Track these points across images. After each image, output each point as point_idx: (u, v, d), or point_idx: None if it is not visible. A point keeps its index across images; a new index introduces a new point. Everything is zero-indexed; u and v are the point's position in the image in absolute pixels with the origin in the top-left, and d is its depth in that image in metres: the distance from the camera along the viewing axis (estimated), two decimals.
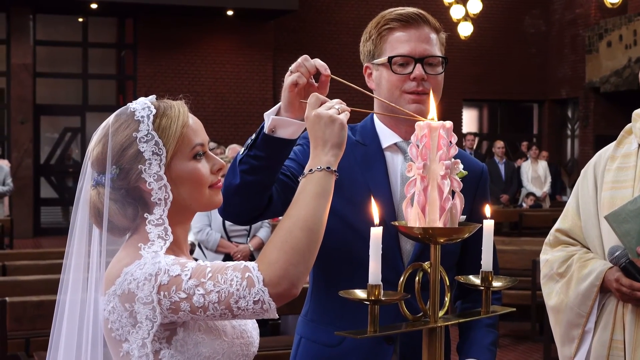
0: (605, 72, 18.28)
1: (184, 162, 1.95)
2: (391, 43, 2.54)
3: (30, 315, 5.32)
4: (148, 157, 1.92)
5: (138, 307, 1.83)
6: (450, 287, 2.03)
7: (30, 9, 17.38)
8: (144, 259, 1.86)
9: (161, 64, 18.14)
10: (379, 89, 2.57)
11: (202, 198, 1.98)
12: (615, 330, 2.91)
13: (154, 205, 1.93)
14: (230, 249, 6.81)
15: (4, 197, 12.71)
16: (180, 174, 1.95)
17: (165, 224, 1.93)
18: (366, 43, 2.61)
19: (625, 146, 3.04)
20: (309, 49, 18.94)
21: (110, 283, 1.88)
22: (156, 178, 1.92)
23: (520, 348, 8.55)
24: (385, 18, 2.57)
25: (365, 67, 2.62)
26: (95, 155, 1.99)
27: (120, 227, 1.96)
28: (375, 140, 2.60)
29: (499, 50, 20.42)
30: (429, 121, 1.95)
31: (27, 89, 17.38)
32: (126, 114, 1.98)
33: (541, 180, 15.48)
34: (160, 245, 1.91)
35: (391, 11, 2.58)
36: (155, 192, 1.93)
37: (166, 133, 1.94)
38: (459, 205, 1.93)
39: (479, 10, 15.33)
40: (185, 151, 1.96)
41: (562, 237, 3.13)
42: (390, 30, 2.54)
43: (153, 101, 2.01)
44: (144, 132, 1.93)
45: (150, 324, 1.83)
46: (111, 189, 1.94)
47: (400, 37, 2.53)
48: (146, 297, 1.82)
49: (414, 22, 2.55)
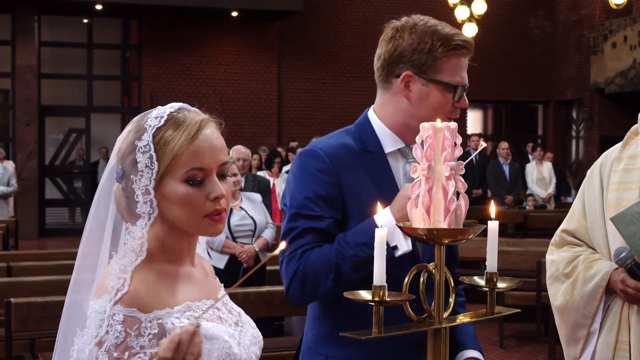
0: (610, 73, 18.25)
1: (174, 184, 1.88)
2: (452, 67, 2.58)
3: (36, 316, 5.33)
4: (141, 168, 1.88)
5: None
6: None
7: (35, 10, 17.41)
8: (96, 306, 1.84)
9: (166, 65, 18.15)
10: (419, 103, 2.57)
11: (192, 225, 1.91)
12: (620, 331, 2.91)
13: (137, 217, 1.90)
14: (235, 249, 6.81)
15: (8, 198, 12.73)
16: (169, 195, 1.88)
17: (144, 239, 1.88)
18: (419, 53, 2.56)
19: (632, 147, 3.04)
20: (313, 50, 18.97)
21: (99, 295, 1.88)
22: (144, 191, 1.88)
23: (525, 349, 8.54)
24: (450, 43, 2.57)
25: (407, 74, 2.57)
26: (116, 151, 1.97)
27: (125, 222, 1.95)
28: (379, 146, 2.59)
29: (504, 51, 20.40)
30: (434, 123, 1.95)
31: (32, 90, 17.40)
32: (144, 117, 1.94)
33: (546, 182, 15.45)
34: (131, 261, 1.87)
35: (449, 32, 2.59)
36: (141, 205, 1.88)
37: (163, 149, 1.87)
38: (463, 206, 1.93)
39: (484, 12, 15.33)
40: (178, 173, 1.87)
41: (568, 238, 3.13)
42: (452, 56, 2.58)
43: (173, 111, 1.94)
44: (144, 142, 1.89)
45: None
46: (120, 185, 1.93)
47: (459, 64, 2.61)
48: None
49: (466, 51, 2.62)
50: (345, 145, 2.57)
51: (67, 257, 7.44)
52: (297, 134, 18.27)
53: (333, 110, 19.08)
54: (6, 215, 12.42)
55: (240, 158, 8.24)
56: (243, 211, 6.95)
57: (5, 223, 11.07)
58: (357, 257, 2.39)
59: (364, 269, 2.34)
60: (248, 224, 6.93)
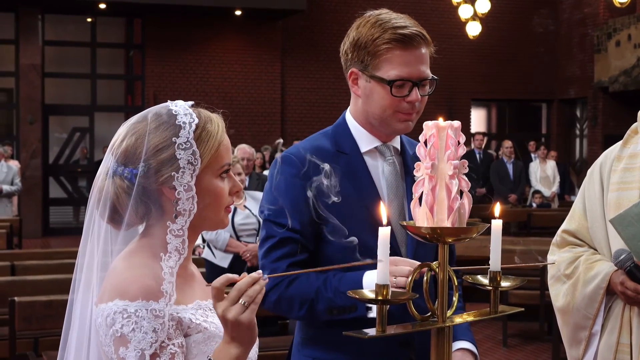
0: (614, 71, 18.23)
1: (212, 179, 1.93)
2: (390, 61, 2.48)
3: (39, 314, 5.33)
4: (183, 165, 1.89)
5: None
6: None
7: (39, 9, 17.42)
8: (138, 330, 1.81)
9: (169, 63, 18.16)
10: (367, 100, 2.54)
11: (216, 217, 1.96)
12: (622, 333, 2.90)
13: (175, 214, 1.91)
14: (239, 248, 6.81)
15: (12, 196, 12.75)
16: (206, 190, 1.92)
17: (184, 236, 1.91)
18: (359, 50, 2.52)
19: (632, 146, 3.02)
20: (316, 48, 18.95)
21: (110, 296, 1.84)
22: (186, 188, 1.89)
23: (528, 348, 8.53)
24: (387, 37, 2.48)
25: (352, 71, 2.55)
26: (123, 147, 1.94)
27: (125, 222, 1.93)
28: (354, 147, 2.58)
29: (508, 50, 20.38)
30: (437, 122, 1.95)
31: (35, 89, 17.42)
32: (167, 114, 1.94)
33: (550, 180, 15.44)
34: (175, 261, 1.89)
35: (392, 25, 2.49)
36: (183, 202, 1.90)
37: (204, 146, 1.91)
38: (467, 205, 1.92)
39: (488, 10, 15.31)
40: (215, 168, 1.93)
41: (569, 238, 3.12)
42: (390, 49, 2.48)
43: (193, 108, 1.98)
44: (183, 139, 1.90)
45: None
46: (129, 184, 1.91)
47: (401, 58, 2.48)
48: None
49: (415, 43, 2.49)
50: (319, 147, 2.56)
51: (71, 256, 7.44)
52: (300, 132, 18.27)
53: (336, 108, 19.07)
54: (10, 214, 12.43)
55: (245, 157, 8.24)
56: (247, 210, 6.94)
57: (9, 222, 11.08)
58: (333, 302, 2.39)
59: (336, 315, 2.37)
60: (252, 223, 6.92)
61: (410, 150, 2.65)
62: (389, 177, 2.56)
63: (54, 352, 5.84)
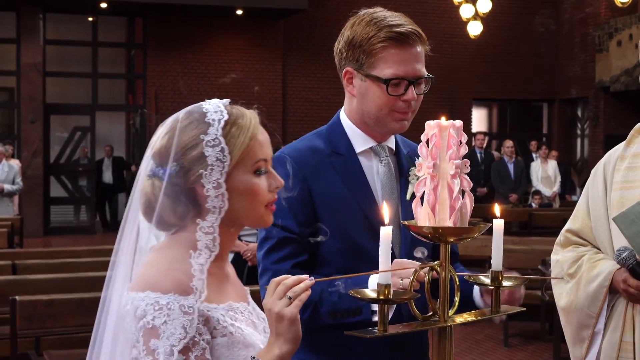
0: (615, 71, 18.22)
1: (244, 175, 1.91)
2: (386, 60, 2.45)
3: (40, 314, 5.34)
4: (211, 162, 1.88)
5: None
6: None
7: (40, 8, 17.42)
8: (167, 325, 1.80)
9: (170, 63, 18.15)
10: (362, 99, 2.52)
11: (254, 215, 1.94)
12: (624, 332, 2.91)
13: (207, 212, 1.90)
14: (240, 247, 6.81)
15: (13, 196, 12.75)
16: (238, 186, 1.90)
17: (215, 234, 1.90)
18: (354, 49, 2.49)
19: (635, 146, 3.03)
20: (318, 48, 18.95)
21: (143, 287, 1.83)
22: (215, 185, 1.88)
23: (530, 347, 8.53)
24: (383, 35, 2.45)
25: (347, 70, 2.53)
26: (157, 147, 1.94)
27: (167, 223, 1.93)
28: (349, 147, 2.56)
29: (509, 50, 20.37)
30: (439, 121, 1.95)
31: (37, 88, 17.42)
32: (198, 112, 1.94)
33: (551, 180, 15.43)
34: (206, 258, 1.88)
35: (388, 24, 2.47)
36: (212, 199, 1.89)
37: (233, 142, 1.90)
38: (468, 204, 1.92)
39: (489, 10, 15.31)
40: (248, 164, 1.91)
41: (572, 238, 3.13)
42: (386, 47, 2.45)
43: (227, 105, 1.97)
44: (212, 135, 1.89)
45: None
46: (167, 184, 1.90)
47: (396, 57, 2.45)
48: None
49: (411, 41, 2.46)
50: (313, 148, 2.55)
51: (72, 255, 7.44)
52: (302, 131, 18.18)
53: (338, 108, 18.92)
54: (11, 213, 12.43)
55: None
56: None
57: (10, 221, 11.08)
58: (337, 305, 2.37)
59: (339, 318, 2.35)
60: None
61: (405, 149, 2.63)
62: (384, 178, 2.54)
63: (55, 352, 5.84)
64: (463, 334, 8.90)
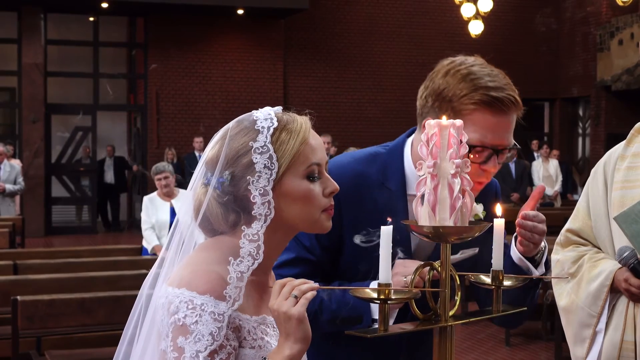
0: (616, 70, 18.22)
1: (296, 180, 1.89)
2: (474, 123, 2.25)
3: (42, 314, 5.34)
4: (259, 169, 1.87)
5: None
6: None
7: (41, 8, 17.43)
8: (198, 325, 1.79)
9: (172, 62, 18.16)
10: None
11: (310, 219, 1.92)
12: (626, 331, 2.90)
13: (253, 219, 1.88)
14: None
15: (15, 196, 12.76)
16: (291, 192, 1.89)
17: (260, 242, 1.87)
18: (442, 101, 2.29)
19: (635, 145, 3.03)
20: (319, 47, 18.95)
21: (179, 283, 1.83)
22: (262, 192, 1.86)
23: (531, 347, 8.53)
24: (477, 97, 2.26)
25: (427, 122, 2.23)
26: (210, 156, 1.94)
27: (216, 230, 1.93)
28: (401, 186, 2.40)
29: (510, 49, 20.36)
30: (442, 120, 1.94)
31: (38, 88, 17.43)
32: (248, 120, 1.93)
33: (552, 179, 15.44)
34: (248, 266, 1.86)
35: (485, 85, 2.28)
36: (258, 206, 1.87)
37: (283, 148, 1.88)
38: (469, 204, 1.92)
39: (490, 9, 15.30)
40: (300, 169, 1.89)
41: (573, 237, 3.12)
42: (477, 110, 2.26)
43: (278, 112, 1.95)
44: (260, 142, 1.87)
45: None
46: (220, 192, 1.89)
47: (486, 122, 2.25)
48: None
49: (506, 109, 2.27)
50: (361, 173, 2.41)
51: (74, 255, 7.45)
52: None
53: (339, 108, 19.07)
54: (13, 213, 12.44)
55: None
56: None
57: (11, 221, 11.09)
58: (337, 314, 2.33)
59: (339, 325, 2.31)
60: None
61: None
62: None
63: (57, 352, 5.85)
64: (464, 334, 8.90)
